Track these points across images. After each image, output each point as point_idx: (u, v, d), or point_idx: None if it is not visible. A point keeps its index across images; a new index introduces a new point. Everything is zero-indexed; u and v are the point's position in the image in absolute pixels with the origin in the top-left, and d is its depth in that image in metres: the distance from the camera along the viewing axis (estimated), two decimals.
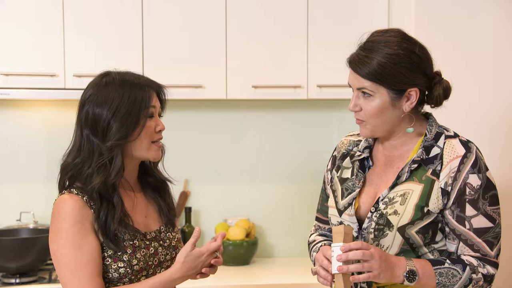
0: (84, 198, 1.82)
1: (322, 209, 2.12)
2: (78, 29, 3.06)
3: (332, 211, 2.00)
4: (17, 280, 2.97)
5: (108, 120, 1.83)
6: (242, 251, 3.29)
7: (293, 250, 2.14)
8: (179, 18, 3.12)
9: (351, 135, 2.10)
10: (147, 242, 1.90)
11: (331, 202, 2.02)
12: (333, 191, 2.02)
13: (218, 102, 3.41)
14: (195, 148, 3.47)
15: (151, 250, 1.90)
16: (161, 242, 1.94)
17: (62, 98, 3.13)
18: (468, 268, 1.82)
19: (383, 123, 1.88)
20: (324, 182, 2.12)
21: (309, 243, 2.11)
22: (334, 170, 2.06)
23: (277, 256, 3.53)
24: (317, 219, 2.15)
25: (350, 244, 1.75)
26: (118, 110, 1.83)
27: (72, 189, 1.84)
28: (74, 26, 3.05)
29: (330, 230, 2.10)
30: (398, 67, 1.82)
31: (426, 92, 1.90)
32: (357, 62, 1.85)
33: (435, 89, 1.88)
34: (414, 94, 1.85)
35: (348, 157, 2.03)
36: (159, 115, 1.95)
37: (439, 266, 1.82)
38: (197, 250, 1.85)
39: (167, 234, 1.98)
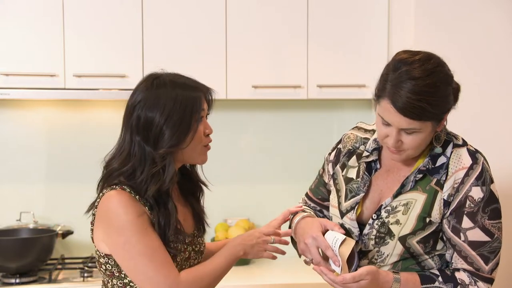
0: (137, 197, 1.79)
1: (316, 190, 2.12)
2: (78, 29, 3.06)
3: (334, 211, 1.99)
4: (17, 280, 2.96)
5: (160, 127, 1.80)
6: None
7: (293, 250, 2.14)
8: (179, 18, 3.12)
9: (358, 129, 2.06)
10: (185, 246, 1.89)
11: (333, 201, 2.01)
12: (337, 191, 2.00)
13: (218, 102, 3.39)
14: None
15: (187, 254, 1.90)
16: (193, 246, 1.93)
17: (62, 98, 3.14)
18: (459, 287, 1.81)
19: (421, 149, 1.84)
20: (323, 168, 2.10)
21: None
22: (338, 167, 2.03)
23: (277, 256, 3.52)
24: (307, 195, 2.16)
25: (345, 277, 1.76)
26: (170, 117, 1.80)
27: (124, 187, 1.80)
28: (74, 26, 3.05)
29: (314, 208, 2.12)
30: (444, 99, 1.76)
31: None
32: (407, 107, 1.72)
33: (457, 96, 1.84)
34: (448, 113, 1.82)
35: (355, 156, 2.00)
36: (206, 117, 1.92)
37: (428, 285, 1.81)
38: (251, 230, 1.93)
39: (199, 239, 1.97)
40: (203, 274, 1.83)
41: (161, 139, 1.80)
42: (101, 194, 1.84)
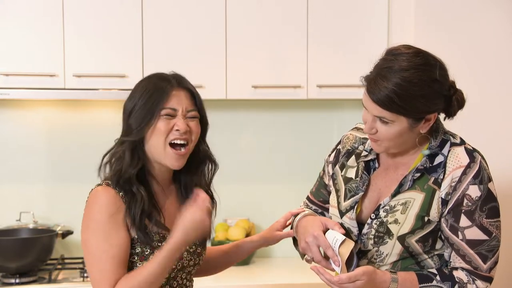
0: (121, 193, 1.83)
1: (317, 193, 2.12)
2: (78, 29, 3.06)
3: (333, 211, 1.99)
4: (17, 280, 2.97)
5: (128, 113, 1.86)
6: None
7: (293, 250, 2.14)
8: (179, 18, 3.12)
9: (357, 129, 2.06)
10: None
11: (333, 201, 2.01)
12: (337, 191, 2.00)
13: (218, 102, 3.41)
14: None
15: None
16: (187, 247, 1.92)
17: (62, 98, 3.14)
18: (457, 286, 1.81)
19: (398, 145, 1.85)
20: (323, 170, 2.11)
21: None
22: (337, 167, 2.03)
23: (277, 256, 3.52)
24: (308, 198, 2.16)
25: (341, 278, 1.76)
26: (136, 104, 1.84)
27: (109, 182, 1.85)
28: (74, 26, 3.05)
29: (316, 211, 2.11)
30: (420, 98, 1.75)
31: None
32: (376, 93, 1.76)
33: (452, 104, 1.83)
34: (432, 117, 1.82)
35: (354, 156, 2.00)
36: (193, 117, 1.90)
37: (425, 284, 1.81)
38: (192, 211, 1.83)
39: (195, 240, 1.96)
40: (140, 281, 1.79)
41: (129, 127, 1.85)
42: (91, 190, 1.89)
